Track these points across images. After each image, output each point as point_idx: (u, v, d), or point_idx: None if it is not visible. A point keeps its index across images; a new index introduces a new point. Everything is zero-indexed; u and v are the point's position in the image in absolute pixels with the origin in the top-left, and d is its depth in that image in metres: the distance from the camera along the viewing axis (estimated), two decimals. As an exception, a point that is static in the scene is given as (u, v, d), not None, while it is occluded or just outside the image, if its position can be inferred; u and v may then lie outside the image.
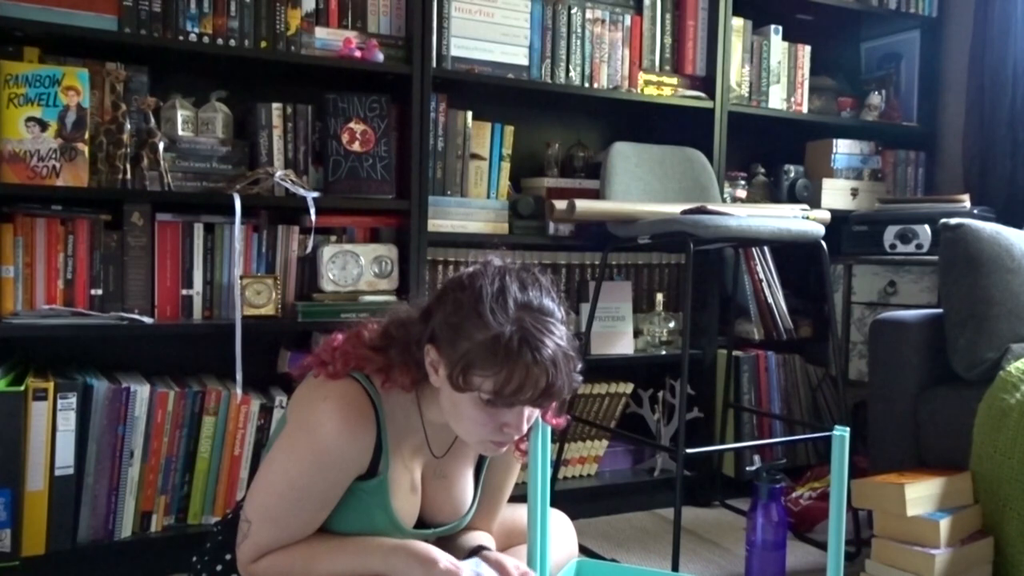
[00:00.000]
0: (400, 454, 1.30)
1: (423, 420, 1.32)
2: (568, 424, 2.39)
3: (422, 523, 1.37)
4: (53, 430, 1.82)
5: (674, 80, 2.59)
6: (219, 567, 1.33)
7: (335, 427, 1.22)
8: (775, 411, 2.69)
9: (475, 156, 2.38)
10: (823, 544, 2.22)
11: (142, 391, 1.92)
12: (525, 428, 1.21)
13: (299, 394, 1.31)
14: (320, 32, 2.15)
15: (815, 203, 2.71)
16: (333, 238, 2.22)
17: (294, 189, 2.08)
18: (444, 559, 1.22)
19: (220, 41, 2.04)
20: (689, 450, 1.99)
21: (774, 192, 2.82)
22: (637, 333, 2.57)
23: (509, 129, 2.43)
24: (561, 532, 1.47)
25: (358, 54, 2.16)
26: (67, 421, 1.83)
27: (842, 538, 0.90)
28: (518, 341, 1.14)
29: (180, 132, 2.06)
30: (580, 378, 1.23)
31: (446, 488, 1.38)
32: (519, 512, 1.49)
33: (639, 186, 2.42)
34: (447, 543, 1.42)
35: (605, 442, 2.60)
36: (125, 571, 1.93)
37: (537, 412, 1.23)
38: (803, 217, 2.38)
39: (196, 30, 2.02)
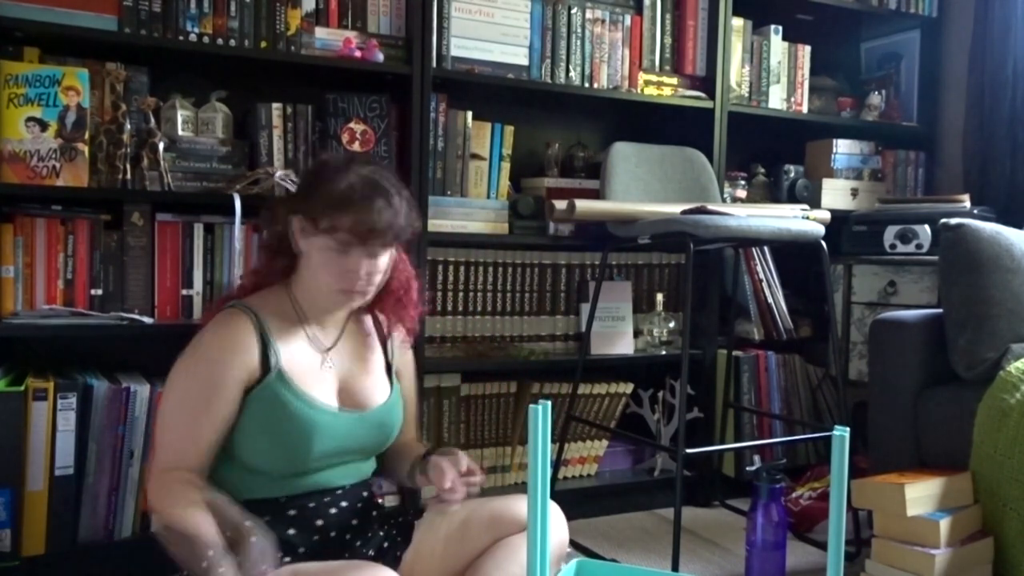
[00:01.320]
0: (289, 348, 1.45)
1: (302, 313, 1.49)
2: (567, 424, 2.39)
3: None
4: (53, 430, 1.82)
5: (674, 80, 2.59)
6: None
7: (212, 333, 1.43)
8: (775, 411, 2.68)
9: (475, 156, 2.37)
10: (823, 544, 2.22)
11: (142, 391, 1.92)
12: (364, 275, 1.42)
13: None
14: (320, 32, 2.15)
15: (815, 203, 2.71)
16: (333, 238, 2.22)
17: (294, 189, 2.08)
18: (211, 551, 1.22)
19: (220, 41, 2.04)
20: (689, 450, 1.99)
21: (774, 192, 2.82)
22: (637, 333, 2.57)
23: (509, 129, 2.43)
24: (551, 520, 1.48)
25: (358, 54, 2.15)
26: (67, 421, 1.84)
27: (842, 538, 0.90)
28: (369, 188, 1.40)
29: (180, 132, 2.06)
30: (419, 222, 1.50)
31: (352, 384, 1.50)
32: (508, 502, 1.51)
33: (639, 186, 2.42)
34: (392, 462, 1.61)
35: (605, 442, 2.60)
36: (125, 571, 1.92)
37: (381, 263, 1.44)
38: (803, 217, 2.38)
39: (196, 30, 2.02)
